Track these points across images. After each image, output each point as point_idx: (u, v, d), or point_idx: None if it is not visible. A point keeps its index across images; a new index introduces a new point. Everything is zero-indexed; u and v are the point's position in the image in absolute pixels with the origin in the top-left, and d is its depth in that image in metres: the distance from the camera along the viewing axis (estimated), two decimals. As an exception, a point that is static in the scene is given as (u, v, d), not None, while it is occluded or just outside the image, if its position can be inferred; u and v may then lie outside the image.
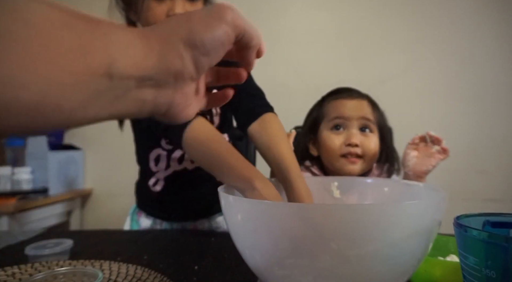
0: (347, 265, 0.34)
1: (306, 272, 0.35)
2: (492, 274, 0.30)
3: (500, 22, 1.69)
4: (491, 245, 0.30)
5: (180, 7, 0.75)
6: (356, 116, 0.77)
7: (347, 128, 0.78)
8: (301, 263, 0.35)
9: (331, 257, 0.34)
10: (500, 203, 1.67)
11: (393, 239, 0.34)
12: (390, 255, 0.34)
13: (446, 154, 0.70)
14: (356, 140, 0.75)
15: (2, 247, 0.70)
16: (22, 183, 1.47)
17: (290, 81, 1.77)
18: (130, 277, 0.51)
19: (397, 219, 0.33)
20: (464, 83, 1.71)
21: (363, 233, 0.33)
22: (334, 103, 0.82)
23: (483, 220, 0.37)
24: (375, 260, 0.34)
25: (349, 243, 0.33)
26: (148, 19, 0.77)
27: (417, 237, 0.36)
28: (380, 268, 0.35)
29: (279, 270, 0.37)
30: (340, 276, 0.35)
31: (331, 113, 0.81)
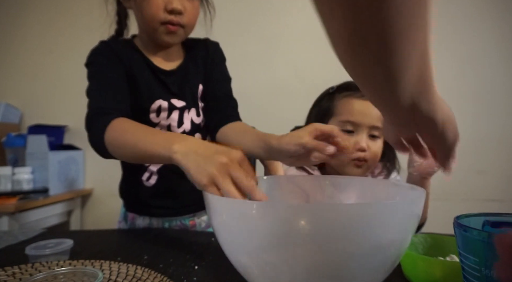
0: (327, 262, 0.35)
1: (285, 270, 0.36)
2: (491, 273, 0.30)
3: (499, 22, 1.69)
4: (490, 245, 0.30)
5: (177, 1, 0.77)
6: (366, 124, 0.78)
7: (357, 132, 0.79)
8: (279, 261, 0.36)
9: (309, 255, 0.35)
10: (499, 203, 1.67)
11: (370, 237, 0.35)
12: (368, 253, 0.35)
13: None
14: (365, 146, 0.77)
15: (3, 247, 0.70)
16: (22, 183, 1.48)
17: (290, 82, 1.77)
18: (130, 277, 0.51)
19: (375, 218, 0.34)
20: (464, 83, 1.71)
21: (340, 231, 0.34)
22: (346, 102, 0.81)
23: (482, 220, 0.37)
24: (354, 257, 0.35)
25: (328, 241, 0.34)
26: (144, 10, 0.78)
27: (395, 234, 0.36)
28: (359, 264, 0.36)
29: (257, 268, 0.38)
30: (319, 273, 0.36)
31: (342, 114, 0.81)
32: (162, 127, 0.83)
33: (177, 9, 0.76)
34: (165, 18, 0.77)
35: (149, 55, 0.85)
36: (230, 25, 1.77)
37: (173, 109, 0.84)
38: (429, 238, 0.58)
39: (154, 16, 0.77)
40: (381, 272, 0.39)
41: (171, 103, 0.84)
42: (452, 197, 1.69)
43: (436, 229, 0.82)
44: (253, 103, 1.72)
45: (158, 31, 0.79)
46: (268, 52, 1.79)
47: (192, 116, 0.87)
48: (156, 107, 0.82)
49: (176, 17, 0.78)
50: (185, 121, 0.85)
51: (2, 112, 1.79)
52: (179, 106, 0.85)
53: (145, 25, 0.81)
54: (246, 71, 1.77)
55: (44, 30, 1.92)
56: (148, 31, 0.82)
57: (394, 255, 0.38)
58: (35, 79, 1.93)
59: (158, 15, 0.77)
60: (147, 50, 0.86)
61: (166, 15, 0.77)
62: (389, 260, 0.38)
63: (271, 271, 0.37)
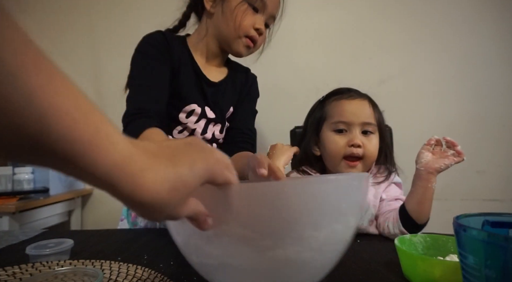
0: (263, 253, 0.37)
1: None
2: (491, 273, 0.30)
3: (499, 22, 1.69)
4: (490, 245, 0.30)
5: (262, 23, 0.87)
6: (358, 122, 0.79)
7: (349, 131, 0.81)
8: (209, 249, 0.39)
9: (244, 244, 0.37)
10: (499, 203, 1.67)
11: (310, 220, 0.37)
12: (308, 238, 0.37)
13: (461, 157, 0.70)
14: (359, 141, 0.79)
15: (3, 247, 0.70)
16: (23, 183, 1.48)
17: (290, 82, 1.77)
18: (130, 276, 0.51)
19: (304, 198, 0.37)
20: (464, 83, 1.71)
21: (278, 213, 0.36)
22: (336, 104, 0.84)
23: (482, 219, 0.37)
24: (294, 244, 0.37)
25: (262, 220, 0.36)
26: (236, 20, 0.84)
27: (335, 218, 0.39)
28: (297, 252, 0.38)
29: (197, 256, 0.42)
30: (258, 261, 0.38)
31: (333, 116, 0.83)
32: (187, 129, 0.87)
33: (262, 30, 0.87)
34: (250, 33, 0.85)
35: (196, 57, 0.89)
36: (230, 25, 1.77)
37: (202, 117, 0.88)
38: (428, 238, 0.59)
39: (244, 29, 0.84)
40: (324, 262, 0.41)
41: (204, 111, 0.88)
42: (451, 196, 1.69)
43: (436, 229, 0.82)
44: (253, 103, 1.73)
45: (240, 41, 0.86)
46: (268, 52, 1.79)
47: (215, 130, 0.91)
48: (190, 110, 0.86)
49: (257, 35, 0.87)
50: (209, 132, 0.89)
51: (2, 112, 1.79)
52: (210, 117, 0.89)
53: (228, 32, 0.86)
54: (246, 71, 1.77)
55: (44, 31, 1.92)
56: (229, 37, 0.86)
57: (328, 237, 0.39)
58: (36, 79, 1.93)
59: (247, 29, 0.85)
60: (196, 53, 0.90)
61: (253, 31, 0.86)
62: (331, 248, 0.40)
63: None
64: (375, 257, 0.64)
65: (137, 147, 0.25)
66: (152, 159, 0.26)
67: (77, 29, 1.88)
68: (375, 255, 0.65)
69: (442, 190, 1.68)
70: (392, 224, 0.76)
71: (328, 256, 0.41)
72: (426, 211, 0.73)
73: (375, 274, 0.55)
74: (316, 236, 0.38)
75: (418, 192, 0.72)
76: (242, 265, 0.38)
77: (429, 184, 0.71)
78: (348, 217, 0.41)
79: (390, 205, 0.80)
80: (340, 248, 0.42)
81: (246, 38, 0.86)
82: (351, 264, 0.60)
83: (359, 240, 0.76)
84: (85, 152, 0.21)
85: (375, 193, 0.83)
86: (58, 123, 0.20)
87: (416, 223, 0.72)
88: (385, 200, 0.82)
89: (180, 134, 0.87)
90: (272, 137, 0.92)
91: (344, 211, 0.39)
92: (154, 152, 0.27)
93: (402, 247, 0.54)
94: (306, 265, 0.40)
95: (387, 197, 0.83)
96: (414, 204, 0.72)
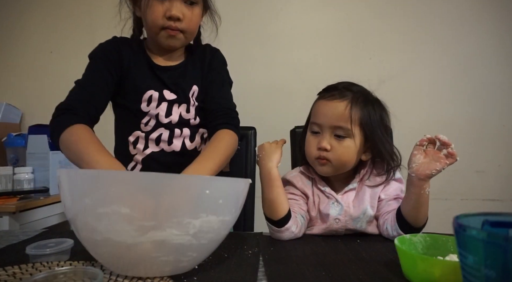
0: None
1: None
2: (491, 273, 0.30)
3: (498, 22, 1.69)
4: (490, 245, 0.30)
5: (177, 8, 0.83)
6: (328, 125, 0.78)
7: (321, 132, 0.80)
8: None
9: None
10: (499, 203, 1.67)
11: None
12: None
13: (453, 159, 0.67)
14: (325, 144, 0.78)
15: (3, 247, 0.70)
16: (23, 182, 1.47)
17: (290, 82, 1.77)
18: (130, 276, 0.51)
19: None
20: (464, 83, 1.71)
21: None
22: (316, 104, 0.84)
23: (482, 219, 0.37)
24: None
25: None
26: (147, 16, 0.85)
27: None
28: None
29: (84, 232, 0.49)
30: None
31: (312, 116, 0.84)
32: (151, 116, 0.89)
33: (175, 16, 0.83)
34: (164, 24, 0.84)
35: (152, 55, 0.93)
36: (231, 25, 1.76)
37: (162, 100, 0.89)
38: (428, 238, 0.59)
39: (155, 22, 0.84)
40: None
41: (162, 94, 0.89)
42: (451, 196, 1.69)
43: (436, 228, 0.82)
44: (253, 103, 1.72)
45: (160, 35, 0.86)
46: (268, 52, 1.79)
47: (181, 111, 0.91)
48: (147, 97, 0.88)
49: (175, 23, 0.84)
50: (174, 114, 0.90)
51: (2, 112, 1.79)
52: (169, 99, 0.90)
53: (149, 30, 0.89)
54: (246, 71, 1.77)
55: (45, 31, 1.92)
56: (152, 35, 0.89)
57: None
58: (36, 79, 1.93)
59: (158, 21, 0.84)
60: (152, 51, 0.93)
61: (166, 21, 0.84)
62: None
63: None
64: (375, 257, 0.64)
65: None
66: None
67: (77, 29, 1.88)
68: (375, 255, 0.65)
69: (442, 190, 1.68)
70: (390, 227, 0.75)
71: (203, 243, 0.50)
72: (422, 215, 0.72)
73: (375, 274, 0.55)
74: (193, 223, 0.47)
75: (412, 198, 0.71)
76: (125, 241, 0.46)
77: (422, 191, 0.69)
78: (224, 211, 0.51)
79: (389, 205, 0.80)
80: (215, 237, 0.52)
81: (164, 30, 0.85)
82: (351, 264, 0.60)
83: (359, 240, 0.76)
84: None
85: (372, 193, 0.82)
86: None
87: (413, 227, 0.72)
88: (384, 199, 0.81)
89: (146, 127, 0.89)
90: (272, 137, 0.91)
91: (220, 206, 0.50)
92: None
93: (402, 247, 0.54)
94: (183, 248, 0.48)
95: (387, 196, 0.82)
96: (410, 209, 0.72)
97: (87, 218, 0.47)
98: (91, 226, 0.47)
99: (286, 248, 0.70)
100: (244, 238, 0.77)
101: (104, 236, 0.46)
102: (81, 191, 0.48)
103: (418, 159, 0.69)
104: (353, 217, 0.81)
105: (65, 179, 0.49)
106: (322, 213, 0.82)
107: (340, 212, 0.81)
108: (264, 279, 0.53)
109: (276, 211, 0.76)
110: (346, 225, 0.81)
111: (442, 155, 0.68)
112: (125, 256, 0.48)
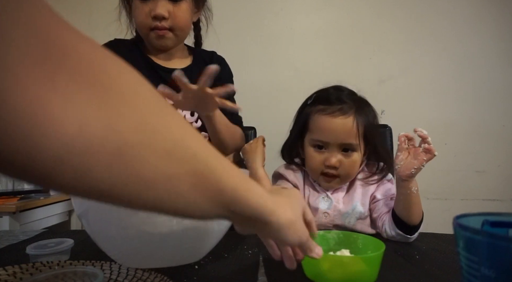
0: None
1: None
2: (491, 273, 0.30)
3: (499, 22, 1.69)
4: (490, 245, 0.30)
5: (161, 7, 0.81)
6: (337, 143, 0.76)
7: (328, 149, 0.78)
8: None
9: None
10: (499, 203, 1.67)
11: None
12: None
13: (431, 154, 0.66)
14: (335, 162, 0.76)
15: (3, 246, 0.70)
16: (23, 182, 1.48)
17: (290, 82, 1.77)
18: (130, 277, 0.51)
19: None
20: (464, 83, 1.71)
21: None
22: (318, 119, 0.79)
23: (482, 219, 0.37)
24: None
25: None
26: (135, 19, 0.85)
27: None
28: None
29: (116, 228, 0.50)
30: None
31: (313, 131, 0.79)
32: None
33: (159, 15, 0.81)
34: (151, 24, 0.83)
35: (152, 57, 0.91)
36: (231, 25, 1.77)
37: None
38: (342, 234, 0.62)
39: (142, 23, 0.83)
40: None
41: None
42: (451, 196, 1.69)
43: (436, 228, 0.82)
44: (253, 103, 1.72)
45: (150, 37, 0.85)
46: (268, 52, 1.79)
47: (186, 113, 0.90)
48: None
49: (161, 22, 0.82)
50: None
51: (2, 112, 1.79)
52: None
53: (139, 32, 0.88)
54: (246, 71, 1.77)
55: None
56: (144, 37, 0.88)
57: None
58: (36, 79, 1.93)
59: (145, 22, 0.83)
60: (150, 53, 0.92)
61: (152, 21, 0.82)
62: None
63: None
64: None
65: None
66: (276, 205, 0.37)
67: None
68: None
69: (442, 190, 1.68)
70: (388, 227, 0.75)
71: (221, 228, 0.56)
72: (416, 213, 0.71)
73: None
74: None
75: (401, 199, 0.71)
76: (160, 232, 0.49)
77: (408, 191, 0.69)
78: None
79: (387, 205, 0.80)
80: (228, 223, 0.55)
81: (153, 31, 0.84)
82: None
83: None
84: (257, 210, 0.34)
85: (363, 191, 0.82)
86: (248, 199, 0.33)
87: (409, 225, 0.72)
88: (381, 200, 0.81)
89: None
90: (272, 136, 0.91)
91: None
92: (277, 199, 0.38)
93: None
94: (208, 233, 0.53)
95: (383, 197, 0.82)
96: (402, 209, 0.72)
97: (121, 213, 0.47)
98: (124, 222, 0.48)
99: (286, 248, 0.70)
100: (244, 238, 0.77)
101: (139, 229, 0.48)
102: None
103: (400, 160, 0.69)
104: (342, 213, 0.81)
105: None
106: (311, 207, 0.82)
107: (330, 207, 0.81)
108: (264, 279, 0.53)
109: None
110: (334, 219, 0.81)
111: (420, 152, 0.67)
112: (158, 247, 0.50)
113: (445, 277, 0.54)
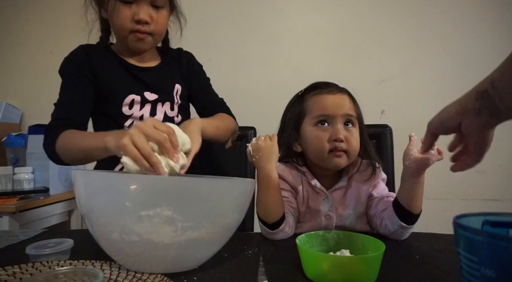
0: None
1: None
2: (491, 273, 0.30)
3: (499, 22, 1.69)
4: (490, 245, 0.30)
5: (144, 12, 0.84)
6: (341, 113, 0.78)
7: (331, 124, 0.79)
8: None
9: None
10: (499, 203, 1.67)
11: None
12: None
13: (441, 156, 0.69)
14: (341, 136, 0.77)
15: (3, 247, 0.70)
16: (23, 182, 1.48)
17: (290, 82, 1.77)
18: (130, 277, 0.51)
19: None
20: (464, 83, 1.69)
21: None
22: (316, 99, 0.82)
23: (482, 219, 0.37)
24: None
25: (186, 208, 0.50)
26: (114, 20, 0.85)
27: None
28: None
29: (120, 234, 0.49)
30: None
31: (314, 110, 0.81)
32: (134, 118, 0.90)
33: (143, 20, 0.84)
34: (133, 27, 0.84)
35: (125, 57, 0.93)
36: (231, 25, 1.77)
37: (146, 102, 0.91)
38: (342, 235, 0.62)
39: (123, 25, 0.84)
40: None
41: (144, 97, 0.91)
42: (451, 196, 1.69)
43: (436, 228, 0.82)
44: (253, 103, 1.73)
45: (128, 39, 0.87)
46: (267, 52, 1.79)
47: (166, 109, 0.94)
48: (129, 101, 0.90)
49: (143, 27, 0.85)
50: (158, 113, 0.92)
51: (2, 112, 1.79)
52: (151, 99, 0.92)
53: (117, 33, 0.89)
54: (246, 71, 1.77)
55: (45, 31, 1.92)
56: (120, 38, 0.90)
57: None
58: (36, 79, 1.93)
59: (126, 25, 0.84)
60: (122, 54, 0.94)
61: (134, 24, 0.84)
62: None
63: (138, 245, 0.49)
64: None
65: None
66: None
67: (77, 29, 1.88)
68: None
69: (442, 190, 1.68)
70: (390, 222, 0.75)
71: (224, 238, 0.57)
72: (419, 202, 0.74)
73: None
74: (223, 222, 0.54)
75: (411, 187, 0.72)
76: (163, 242, 0.49)
77: (421, 179, 0.72)
78: (241, 209, 0.58)
79: (383, 203, 0.80)
80: (230, 233, 0.58)
81: (133, 33, 0.85)
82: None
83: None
84: None
85: (360, 190, 0.83)
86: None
87: (413, 213, 0.73)
88: (377, 197, 0.82)
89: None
90: (272, 137, 0.91)
91: (239, 205, 0.57)
92: None
93: (303, 245, 0.56)
94: (209, 244, 0.55)
95: (379, 195, 0.82)
96: (408, 198, 0.73)
97: (126, 220, 0.48)
98: (129, 229, 0.48)
99: (286, 248, 0.70)
100: (244, 238, 0.77)
101: (143, 237, 0.48)
102: (122, 194, 0.48)
103: (414, 153, 0.71)
104: (343, 214, 0.82)
105: (105, 182, 0.52)
106: (312, 209, 0.82)
107: (331, 209, 0.81)
108: (264, 279, 0.53)
109: (271, 214, 0.75)
110: (336, 222, 0.81)
111: (432, 152, 0.69)
112: (159, 255, 0.50)
113: (445, 277, 0.54)
